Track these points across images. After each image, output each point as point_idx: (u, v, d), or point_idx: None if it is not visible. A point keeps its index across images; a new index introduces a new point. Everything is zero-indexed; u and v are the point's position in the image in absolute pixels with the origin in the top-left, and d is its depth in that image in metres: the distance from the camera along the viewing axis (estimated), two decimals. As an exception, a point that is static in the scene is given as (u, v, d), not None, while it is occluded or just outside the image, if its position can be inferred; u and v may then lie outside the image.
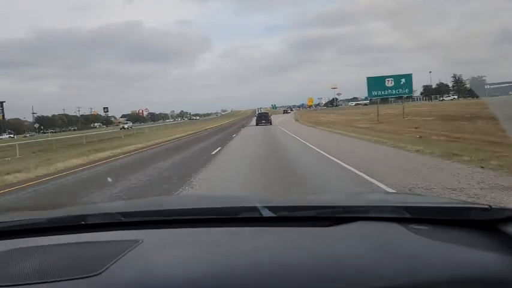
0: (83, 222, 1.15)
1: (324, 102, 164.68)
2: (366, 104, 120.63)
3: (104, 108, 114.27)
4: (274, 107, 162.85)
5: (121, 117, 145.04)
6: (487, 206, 1.03)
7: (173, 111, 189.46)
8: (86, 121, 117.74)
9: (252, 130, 28.19)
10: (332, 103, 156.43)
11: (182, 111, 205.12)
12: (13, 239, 1.06)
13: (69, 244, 1.01)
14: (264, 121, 38.02)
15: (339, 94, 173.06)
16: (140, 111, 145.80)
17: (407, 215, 1.04)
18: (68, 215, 1.30)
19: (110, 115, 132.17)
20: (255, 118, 44.24)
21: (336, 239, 0.97)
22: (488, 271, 0.78)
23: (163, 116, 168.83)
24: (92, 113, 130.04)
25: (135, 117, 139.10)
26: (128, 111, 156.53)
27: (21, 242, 1.03)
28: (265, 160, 10.03)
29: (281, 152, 12.06)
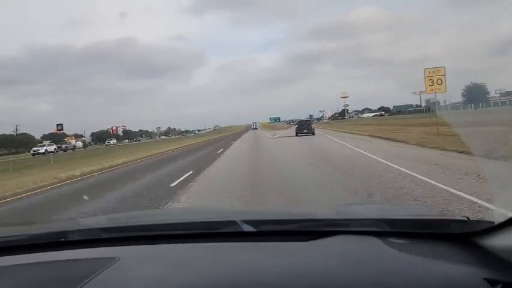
0: (62, 239, 1.19)
1: (328, 115, 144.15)
2: (381, 115, 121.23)
3: (58, 125, 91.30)
4: (275, 119, 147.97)
5: (90, 135, 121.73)
6: (465, 218, 1.09)
7: (159, 127, 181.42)
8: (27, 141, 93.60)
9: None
10: (342, 115, 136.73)
11: (169, 127, 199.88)
12: None
13: (46, 263, 1.04)
14: (306, 131, 31.95)
15: (346, 105, 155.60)
16: (114, 128, 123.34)
17: (387, 229, 1.08)
18: (48, 232, 1.34)
19: (68, 133, 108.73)
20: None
21: (316, 255, 1.01)
22: (463, 285, 0.82)
23: (144, 133, 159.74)
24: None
25: (99, 136, 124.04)
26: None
27: (1, 261, 1.07)
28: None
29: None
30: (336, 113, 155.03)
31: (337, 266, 0.93)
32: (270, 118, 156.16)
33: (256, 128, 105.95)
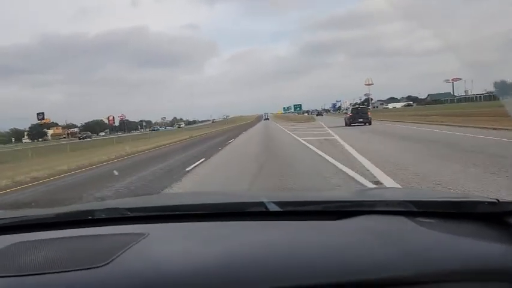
0: (89, 217, 1.23)
1: (345, 106, 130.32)
2: (409, 105, 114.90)
3: (39, 114, 78.69)
4: (297, 107, 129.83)
5: (80, 126, 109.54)
6: (495, 200, 1.07)
7: (164, 117, 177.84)
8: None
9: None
10: (364, 104, 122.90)
11: (175, 117, 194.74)
12: (22, 233, 1.14)
13: (76, 237, 1.08)
14: (361, 120, 27.54)
15: (367, 94, 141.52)
16: (110, 118, 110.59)
17: (413, 209, 1.09)
18: (75, 210, 1.39)
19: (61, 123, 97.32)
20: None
21: (343, 232, 1.02)
22: (494, 262, 0.84)
23: (145, 124, 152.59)
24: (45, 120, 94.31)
25: (91, 127, 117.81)
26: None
27: (30, 236, 1.10)
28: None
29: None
30: (356, 103, 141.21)
31: (365, 244, 0.93)
32: (284, 108, 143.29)
33: (268, 119, 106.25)
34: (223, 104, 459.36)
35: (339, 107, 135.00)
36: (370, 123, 26.96)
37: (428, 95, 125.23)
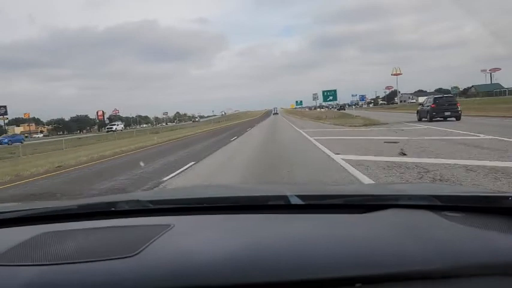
0: (113, 209, 1.28)
1: (367, 99, 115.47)
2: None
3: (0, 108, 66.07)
4: (330, 96, 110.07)
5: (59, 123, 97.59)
6: None
7: (166, 112, 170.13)
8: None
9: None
10: (391, 98, 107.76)
11: (178, 112, 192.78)
12: (48, 224, 1.20)
13: (101, 228, 1.13)
14: (448, 113, 22.46)
15: (388, 87, 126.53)
16: (100, 113, 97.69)
17: (438, 203, 1.12)
18: (98, 202, 1.46)
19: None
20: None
21: (369, 226, 1.05)
22: None
23: (142, 119, 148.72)
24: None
25: (76, 123, 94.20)
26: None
27: (56, 227, 1.16)
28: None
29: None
30: (377, 97, 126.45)
31: (391, 238, 0.94)
32: (297, 102, 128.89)
33: (277, 113, 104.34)
34: (232, 99, 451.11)
35: (356, 102, 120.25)
36: (459, 118, 22.30)
37: (473, 86, 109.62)
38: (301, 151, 11.62)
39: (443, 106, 22.54)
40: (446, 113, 22.09)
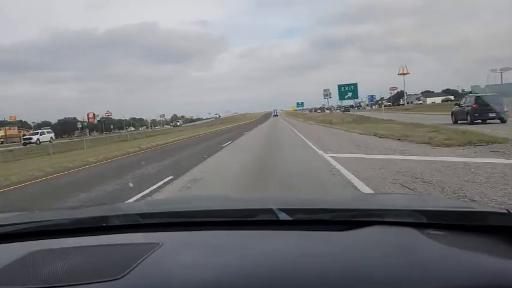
0: (104, 224, 1.30)
1: (363, 101, 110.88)
2: (448, 100, 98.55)
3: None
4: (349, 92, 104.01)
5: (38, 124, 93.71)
6: (505, 211, 1.12)
7: (163, 115, 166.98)
8: None
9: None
10: (397, 100, 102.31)
11: (175, 115, 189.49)
12: (35, 240, 1.22)
13: (92, 246, 1.15)
14: (493, 114, 19.29)
15: (393, 88, 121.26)
16: (91, 116, 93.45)
17: (424, 220, 1.14)
18: (90, 216, 1.48)
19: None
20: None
21: (352, 244, 1.07)
22: (504, 278, 0.85)
23: (137, 122, 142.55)
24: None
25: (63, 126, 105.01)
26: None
27: (45, 244, 1.18)
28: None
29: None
30: (381, 98, 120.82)
31: (374, 256, 0.96)
32: (298, 103, 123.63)
33: (277, 115, 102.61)
34: (233, 101, 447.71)
35: (359, 103, 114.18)
36: (505, 121, 18.83)
37: (487, 86, 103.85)
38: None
39: (486, 106, 19.67)
40: (491, 114, 19.37)
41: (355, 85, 35.00)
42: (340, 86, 35.58)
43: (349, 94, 35.00)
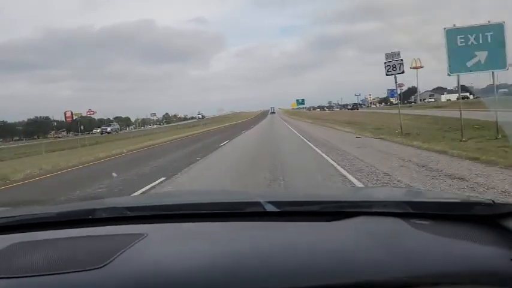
0: (90, 217, 1.33)
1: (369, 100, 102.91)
2: (465, 97, 77.64)
3: None
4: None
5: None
6: (490, 201, 1.14)
7: (154, 113, 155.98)
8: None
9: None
10: (407, 97, 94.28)
11: (167, 113, 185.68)
12: (22, 232, 1.24)
13: (75, 238, 1.17)
14: None
15: (400, 85, 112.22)
16: (68, 115, 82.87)
17: (410, 210, 1.18)
18: (76, 209, 1.50)
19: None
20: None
21: (338, 234, 1.11)
22: (488, 265, 0.89)
23: (122, 121, 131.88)
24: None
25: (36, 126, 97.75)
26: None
27: (30, 236, 1.21)
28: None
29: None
30: (387, 96, 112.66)
31: (360, 245, 0.99)
32: (298, 100, 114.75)
33: (274, 113, 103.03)
34: (230, 100, 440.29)
35: (361, 102, 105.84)
36: None
37: None
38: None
39: None
40: None
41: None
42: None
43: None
